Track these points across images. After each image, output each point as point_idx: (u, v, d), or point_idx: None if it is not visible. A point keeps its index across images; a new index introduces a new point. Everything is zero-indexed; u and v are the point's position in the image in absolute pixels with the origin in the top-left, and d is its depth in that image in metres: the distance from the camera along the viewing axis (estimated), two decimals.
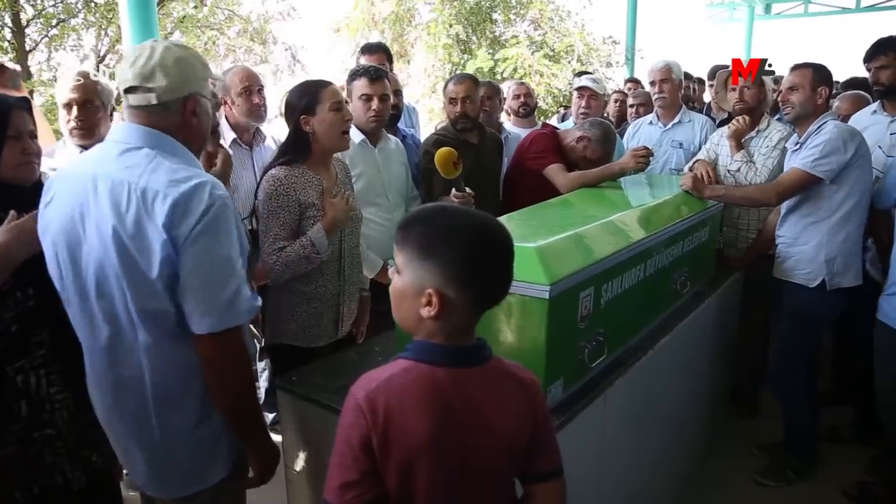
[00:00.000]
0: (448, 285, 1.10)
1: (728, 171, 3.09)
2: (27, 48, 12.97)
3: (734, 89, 3.15)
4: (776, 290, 2.86)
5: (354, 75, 2.71)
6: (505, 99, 4.15)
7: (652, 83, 3.82)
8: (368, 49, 3.81)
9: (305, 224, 2.14)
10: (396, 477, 1.11)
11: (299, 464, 1.89)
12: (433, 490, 1.13)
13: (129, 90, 1.46)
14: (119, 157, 1.43)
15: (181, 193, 1.35)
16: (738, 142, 3.13)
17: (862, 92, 3.54)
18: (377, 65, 3.61)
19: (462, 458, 1.13)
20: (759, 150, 3.05)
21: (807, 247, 2.69)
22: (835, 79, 2.88)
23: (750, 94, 3.04)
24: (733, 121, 3.24)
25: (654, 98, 3.86)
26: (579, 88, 3.91)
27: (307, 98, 2.16)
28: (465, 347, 1.16)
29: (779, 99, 2.76)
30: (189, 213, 1.35)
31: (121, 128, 1.50)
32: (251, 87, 2.88)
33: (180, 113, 1.49)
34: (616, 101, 4.98)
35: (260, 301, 1.49)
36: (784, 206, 2.80)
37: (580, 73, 5.74)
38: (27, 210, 1.63)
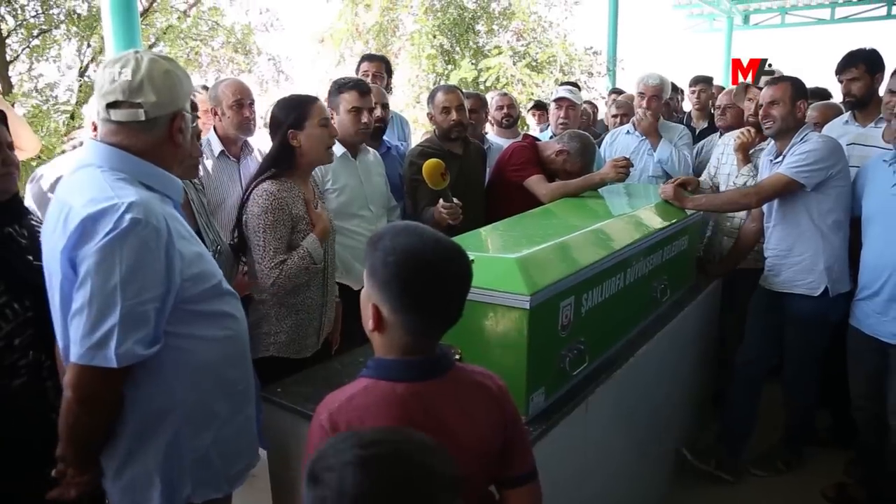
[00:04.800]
0: (383, 305, 1.13)
1: (734, 183, 3.10)
2: (8, 59, 12.85)
3: (751, 99, 3.18)
4: (770, 301, 2.88)
5: (342, 88, 2.68)
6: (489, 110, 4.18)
7: (641, 94, 3.72)
8: (370, 57, 3.87)
9: (295, 237, 2.17)
10: None
11: (285, 475, 1.89)
12: None
13: (112, 104, 1.39)
14: (71, 175, 1.41)
15: (90, 213, 1.27)
16: (745, 154, 3.16)
17: (833, 102, 3.62)
18: (375, 73, 3.66)
19: None
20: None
21: (803, 257, 2.73)
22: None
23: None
24: (738, 133, 3.26)
25: (637, 110, 3.82)
26: (557, 99, 3.93)
27: (296, 113, 2.18)
28: (423, 361, 1.17)
29: (759, 113, 2.79)
30: (93, 234, 1.27)
31: (86, 146, 1.46)
32: (242, 101, 2.89)
33: (167, 130, 1.44)
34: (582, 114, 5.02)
35: (148, 352, 1.33)
36: (772, 219, 2.84)
37: (563, 84, 5.79)
38: (8, 223, 1.63)
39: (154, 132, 1.43)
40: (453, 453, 1.14)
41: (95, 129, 2.41)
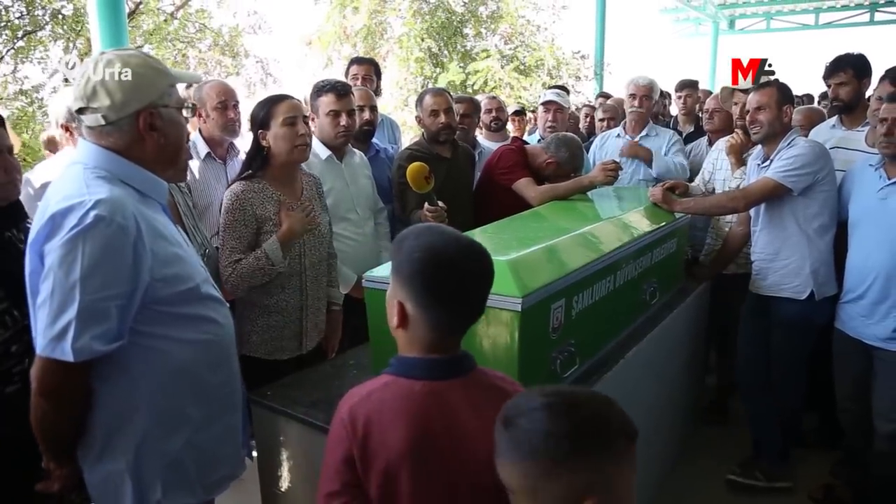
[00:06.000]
0: (407, 301, 1.16)
1: (730, 188, 3.11)
2: None
3: (736, 103, 3.20)
4: (758, 304, 2.89)
5: (321, 91, 2.68)
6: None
7: (632, 95, 3.79)
8: (359, 60, 3.87)
9: (263, 238, 2.17)
10: (378, 487, 1.15)
11: (275, 478, 1.88)
12: (416, 499, 1.15)
13: (79, 111, 1.42)
14: (61, 174, 1.43)
15: (59, 209, 1.29)
16: (738, 158, 3.17)
17: (815, 106, 3.65)
18: (364, 76, 3.65)
19: (444, 470, 1.16)
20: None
21: (789, 261, 2.74)
22: (794, 93, 2.97)
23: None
24: (728, 137, 3.27)
25: (628, 110, 3.86)
26: (545, 103, 3.95)
27: (263, 113, 2.21)
28: (442, 360, 1.19)
29: (746, 119, 2.81)
30: (60, 230, 1.29)
31: (78, 145, 1.48)
32: (227, 102, 2.87)
33: (134, 129, 1.42)
34: (586, 115, 5.06)
35: (107, 349, 1.33)
36: (759, 223, 2.86)
37: (552, 87, 5.82)
38: (7, 228, 1.62)
39: (121, 134, 1.42)
40: (468, 456, 1.16)
41: (66, 129, 2.41)
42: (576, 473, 0.90)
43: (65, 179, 1.39)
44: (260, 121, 2.20)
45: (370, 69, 3.76)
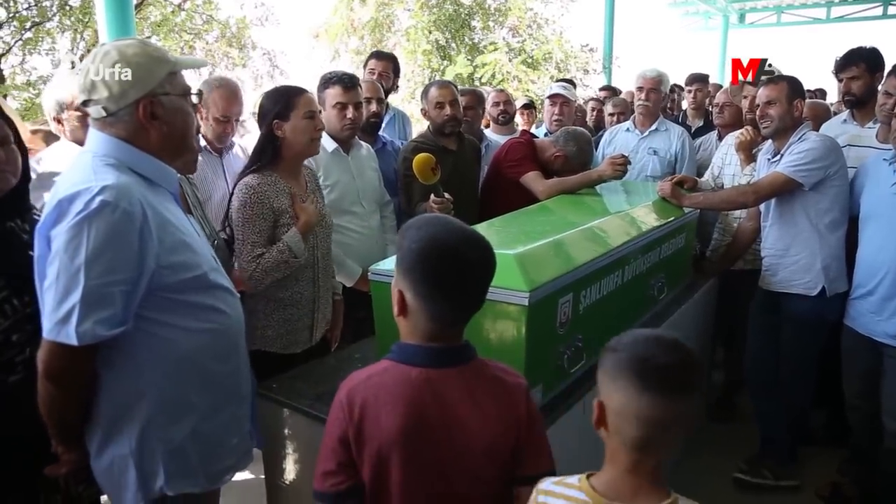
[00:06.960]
0: (407, 290, 1.17)
1: (738, 183, 3.09)
2: (0, 51, 12.76)
3: (746, 97, 3.17)
4: (767, 301, 2.87)
5: (328, 83, 2.66)
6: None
7: (640, 88, 3.76)
8: (378, 55, 3.81)
9: (279, 231, 2.16)
10: (370, 468, 1.17)
11: (280, 470, 1.88)
12: (407, 485, 1.16)
13: (84, 103, 1.44)
14: (72, 163, 1.44)
15: (67, 195, 1.31)
16: (748, 154, 3.14)
17: (820, 101, 3.61)
18: (381, 72, 3.62)
19: (437, 458, 1.16)
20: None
21: (800, 256, 2.71)
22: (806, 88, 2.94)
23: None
24: (738, 133, 3.25)
25: (637, 104, 3.83)
26: (551, 96, 3.92)
27: (282, 104, 2.18)
28: (442, 348, 1.19)
29: (756, 113, 2.79)
30: (66, 215, 1.30)
31: (88, 134, 1.49)
32: (230, 117, 2.75)
33: (135, 119, 1.43)
34: (593, 109, 5.03)
35: (110, 333, 1.33)
36: (770, 219, 2.83)
37: (559, 80, 5.78)
38: (10, 218, 1.61)
39: (123, 124, 1.43)
40: (462, 444, 1.17)
41: (58, 121, 2.40)
42: None
43: (74, 167, 1.41)
44: (277, 112, 2.17)
45: (388, 66, 3.70)
